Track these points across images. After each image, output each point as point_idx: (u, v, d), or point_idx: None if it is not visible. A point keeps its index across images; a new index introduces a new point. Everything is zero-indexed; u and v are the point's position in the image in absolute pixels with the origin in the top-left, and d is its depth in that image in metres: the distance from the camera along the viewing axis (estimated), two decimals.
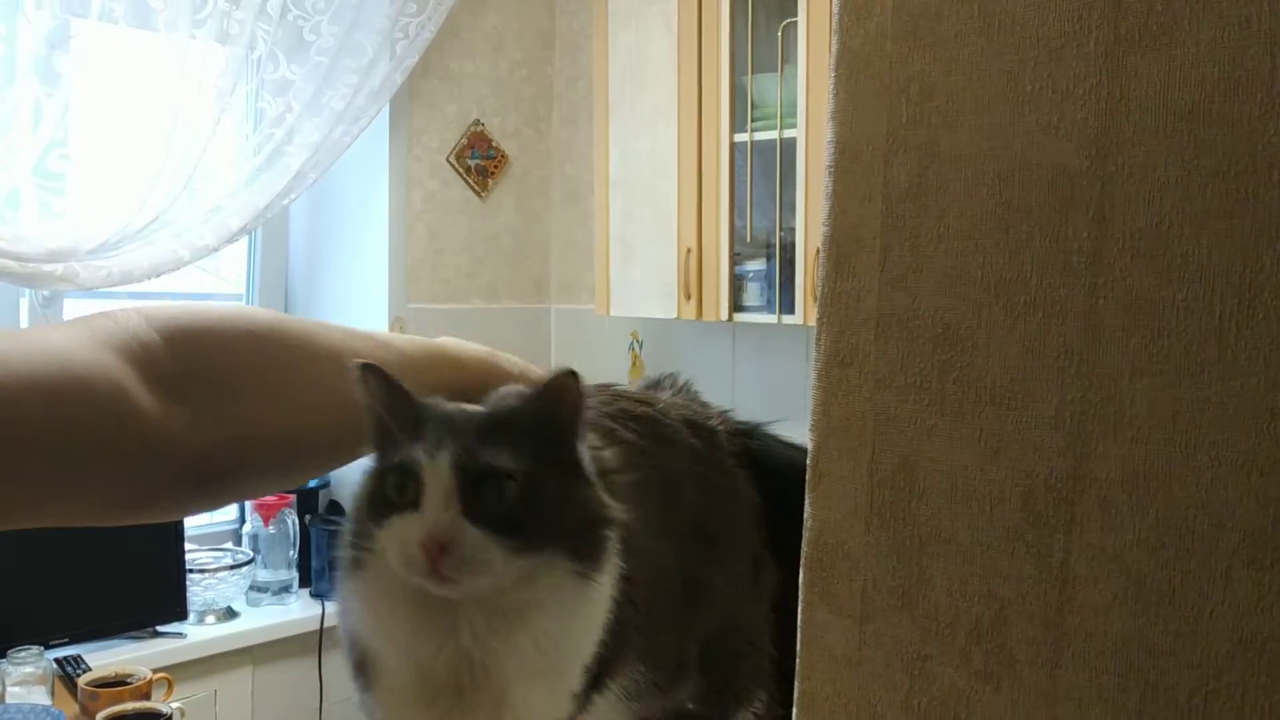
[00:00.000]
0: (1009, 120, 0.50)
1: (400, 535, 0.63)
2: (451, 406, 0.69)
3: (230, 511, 3.19)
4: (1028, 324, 0.49)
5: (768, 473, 0.91)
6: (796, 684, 0.57)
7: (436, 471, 0.63)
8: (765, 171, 2.82)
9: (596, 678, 0.70)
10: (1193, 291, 0.45)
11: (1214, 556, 0.44)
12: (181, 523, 2.73)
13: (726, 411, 0.97)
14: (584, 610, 0.67)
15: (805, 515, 0.57)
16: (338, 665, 2.75)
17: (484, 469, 0.64)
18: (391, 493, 0.65)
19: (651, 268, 2.95)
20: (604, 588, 0.66)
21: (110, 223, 2.52)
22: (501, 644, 0.65)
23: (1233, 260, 0.44)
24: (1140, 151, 0.46)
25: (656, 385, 0.94)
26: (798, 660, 0.57)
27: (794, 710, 0.57)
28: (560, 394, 0.67)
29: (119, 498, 0.64)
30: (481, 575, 0.62)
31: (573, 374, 0.67)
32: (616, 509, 0.68)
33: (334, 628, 2.89)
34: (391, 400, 0.67)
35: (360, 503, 0.67)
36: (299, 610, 2.94)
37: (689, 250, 2.85)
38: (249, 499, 0.76)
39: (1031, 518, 0.49)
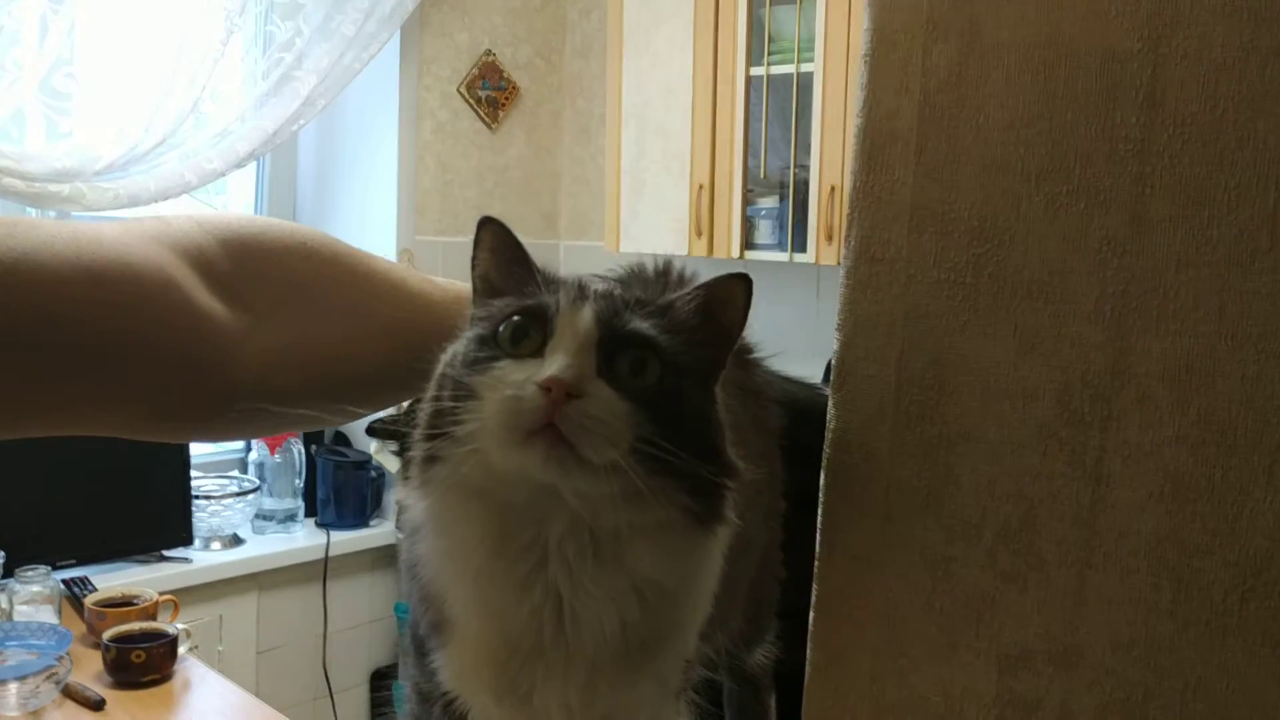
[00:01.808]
0: (1057, 5, 0.48)
1: (512, 377, 0.52)
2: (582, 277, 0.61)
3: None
4: (1069, 215, 0.47)
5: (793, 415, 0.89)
6: (815, 586, 0.56)
7: (574, 320, 0.54)
8: (780, 108, 2.77)
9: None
10: (1245, 178, 0.43)
11: (1256, 453, 0.43)
12: (188, 449, 2.73)
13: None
14: (697, 562, 0.57)
15: (828, 417, 0.56)
16: (341, 594, 2.74)
17: (631, 334, 0.54)
18: (505, 339, 0.55)
19: (663, 204, 2.92)
20: (720, 543, 0.57)
21: (117, 144, 2.50)
22: (595, 584, 0.54)
23: None
24: (1196, 32, 0.44)
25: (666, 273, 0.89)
26: (816, 563, 0.56)
27: (810, 614, 0.57)
28: (727, 298, 0.57)
29: (172, 402, 0.59)
30: (601, 443, 0.51)
31: (746, 280, 0.57)
32: (744, 466, 0.57)
33: (343, 555, 2.91)
34: (517, 256, 0.59)
35: (446, 374, 0.57)
36: (304, 539, 2.95)
37: (701, 186, 2.82)
38: (292, 428, 0.71)
39: (1066, 415, 0.47)
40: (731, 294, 0.57)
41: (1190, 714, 0.44)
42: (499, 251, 0.59)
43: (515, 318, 0.55)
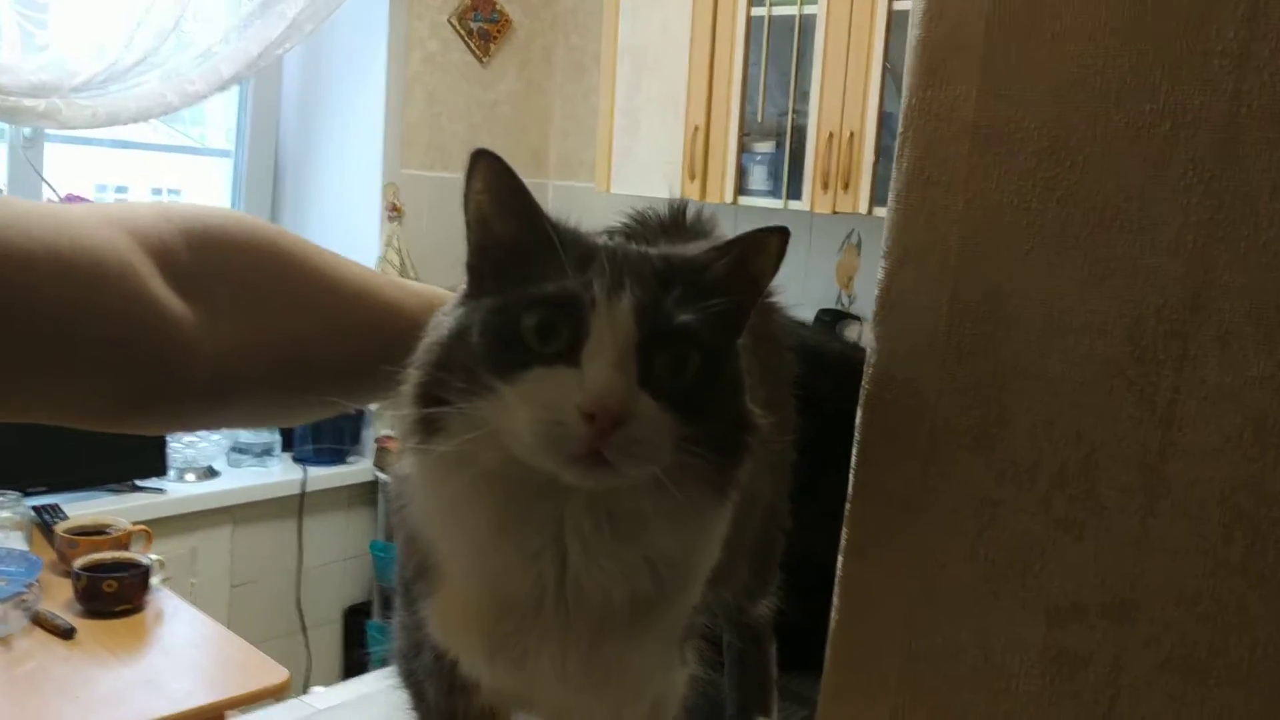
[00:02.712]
0: None
1: (545, 397, 0.48)
2: (609, 239, 0.55)
3: None
4: (1152, 137, 0.43)
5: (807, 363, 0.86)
6: (846, 530, 0.53)
7: (614, 319, 0.48)
8: (780, 51, 2.71)
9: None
10: None
11: None
12: None
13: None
14: (708, 531, 0.55)
15: (869, 350, 0.52)
16: (317, 530, 2.70)
17: (677, 330, 0.50)
18: (530, 337, 0.49)
19: (656, 145, 2.85)
20: (731, 505, 0.55)
21: (96, 60, 2.41)
22: (609, 558, 0.52)
23: None
24: None
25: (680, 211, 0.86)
26: (849, 505, 0.53)
27: (840, 559, 0.53)
28: (761, 252, 0.53)
29: (122, 394, 0.57)
30: (647, 465, 0.48)
31: (783, 234, 0.53)
32: (759, 414, 0.54)
33: (320, 491, 2.88)
34: (519, 198, 0.53)
35: (453, 348, 0.52)
36: (280, 473, 2.92)
37: (696, 128, 2.76)
38: (253, 424, 0.67)
39: (1137, 352, 0.44)
40: (766, 248, 0.54)
41: (1257, 675, 0.42)
42: (498, 192, 0.53)
43: (542, 313, 0.49)
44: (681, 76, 2.79)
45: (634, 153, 2.93)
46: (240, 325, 0.59)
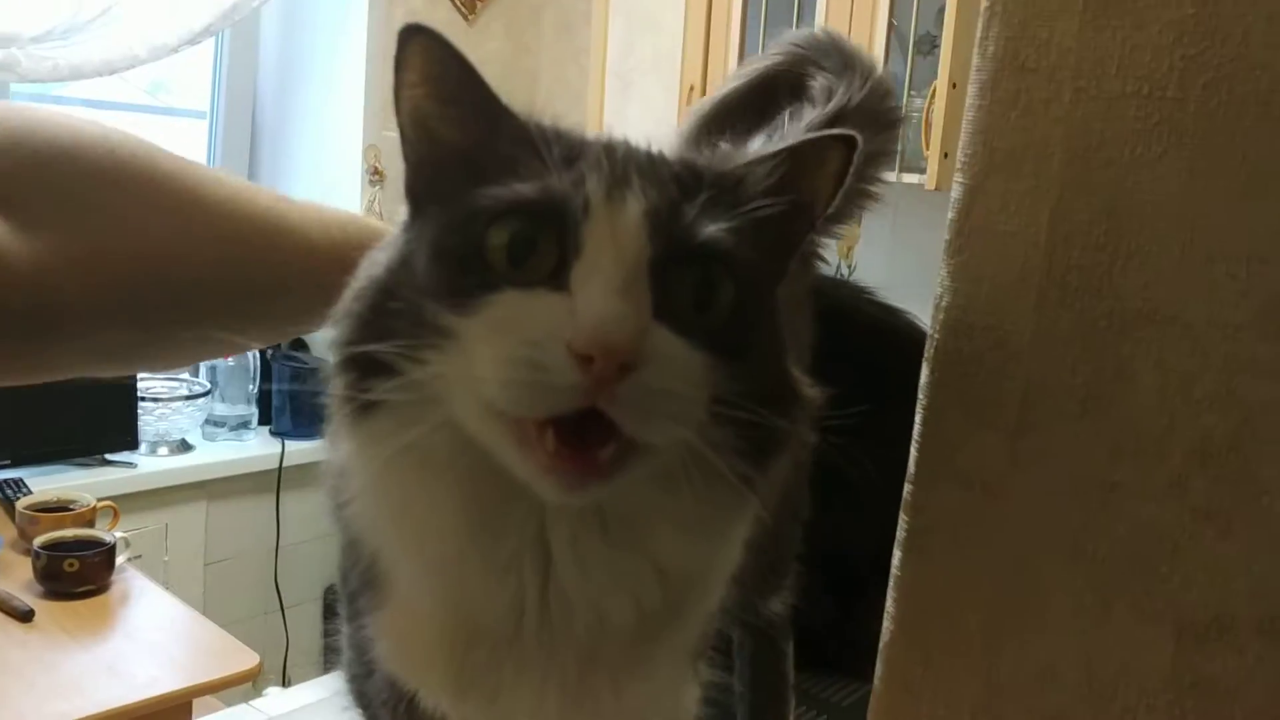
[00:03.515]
0: None
1: (524, 327, 0.35)
2: (610, 135, 0.43)
3: None
4: None
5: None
6: (904, 520, 0.42)
7: (617, 227, 0.36)
8: (779, 6, 2.59)
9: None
10: None
11: None
12: None
13: None
14: (731, 532, 0.43)
15: (939, 291, 0.41)
16: (296, 506, 2.58)
17: (704, 245, 0.37)
18: (499, 257, 0.37)
19: (650, 106, 2.73)
20: (753, 508, 0.42)
21: (57, 7, 2.27)
22: (605, 567, 0.40)
23: None
24: None
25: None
26: (908, 488, 0.42)
27: (897, 553, 0.43)
28: (817, 169, 0.40)
29: None
30: (669, 428, 0.35)
31: (849, 142, 0.40)
32: (808, 383, 0.42)
33: (298, 466, 2.78)
34: (469, 86, 0.41)
35: (389, 289, 0.39)
36: (258, 447, 2.80)
37: (692, 88, 2.64)
38: (120, 365, 0.57)
39: None
40: (824, 163, 0.41)
41: None
42: (440, 83, 0.41)
43: (516, 223, 0.37)
44: (676, 34, 2.67)
45: (627, 115, 2.81)
46: (67, 242, 0.48)
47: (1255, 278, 0.34)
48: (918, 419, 0.41)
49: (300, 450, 2.81)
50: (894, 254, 2.14)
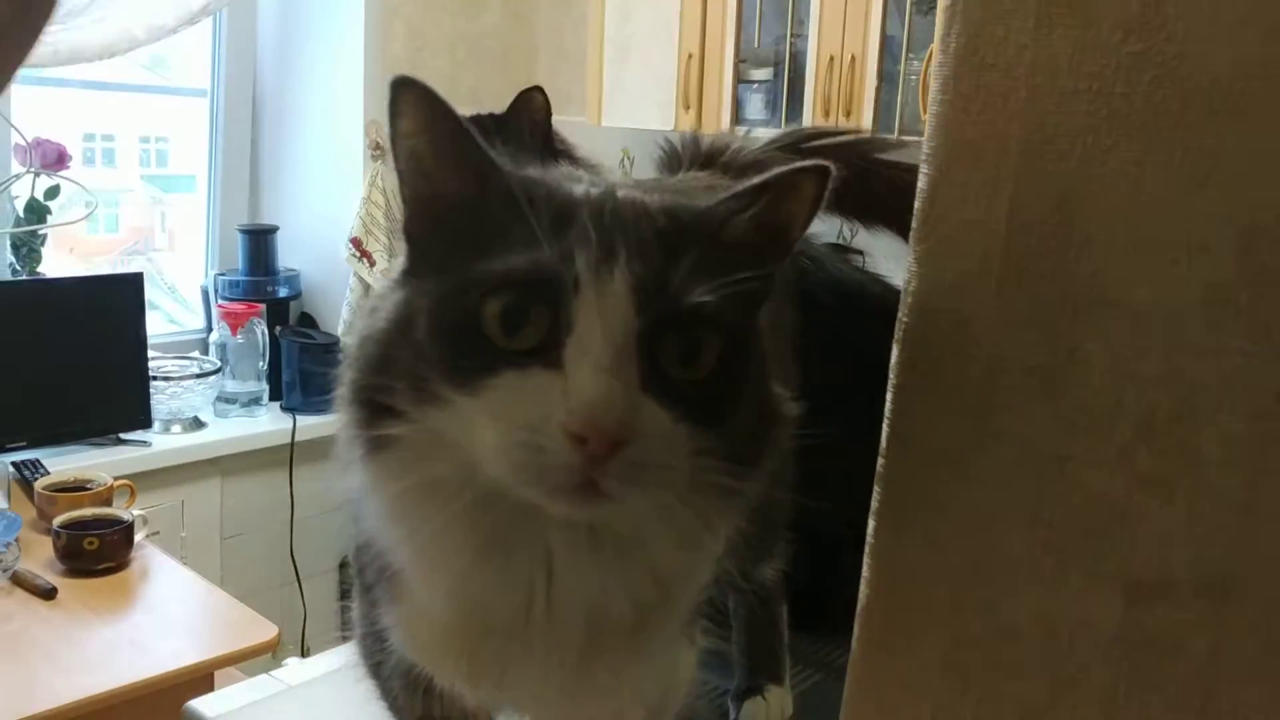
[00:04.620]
0: None
1: (522, 411, 0.38)
2: (596, 185, 0.44)
3: (198, 319, 3.05)
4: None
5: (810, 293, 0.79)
6: (879, 490, 0.45)
7: (605, 303, 0.38)
8: None
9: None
10: None
11: None
12: (143, 327, 2.59)
13: None
14: (720, 530, 0.47)
15: (907, 275, 0.43)
16: (308, 480, 2.61)
17: (690, 313, 0.39)
18: (494, 330, 0.39)
19: (649, 74, 2.74)
20: (747, 504, 0.46)
21: None
22: (606, 578, 0.43)
23: None
24: None
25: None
26: (882, 462, 0.45)
27: (871, 523, 0.45)
28: (792, 199, 0.43)
29: None
30: (654, 490, 0.39)
31: (821, 173, 0.43)
32: (787, 399, 0.46)
33: (309, 441, 2.81)
34: (466, 149, 0.43)
35: (393, 344, 0.42)
36: (269, 423, 2.84)
37: (690, 56, 2.64)
38: None
39: (1250, 272, 0.35)
40: (799, 193, 0.43)
41: None
42: (436, 134, 0.43)
43: (509, 297, 0.39)
44: (674, 2, 2.67)
45: (625, 84, 2.81)
46: None
47: (1196, 265, 0.36)
48: (889, 397, 0.44)
49: (311, 425, 2.84)
50: None
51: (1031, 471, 0.40)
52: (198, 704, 0.75)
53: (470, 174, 0.43)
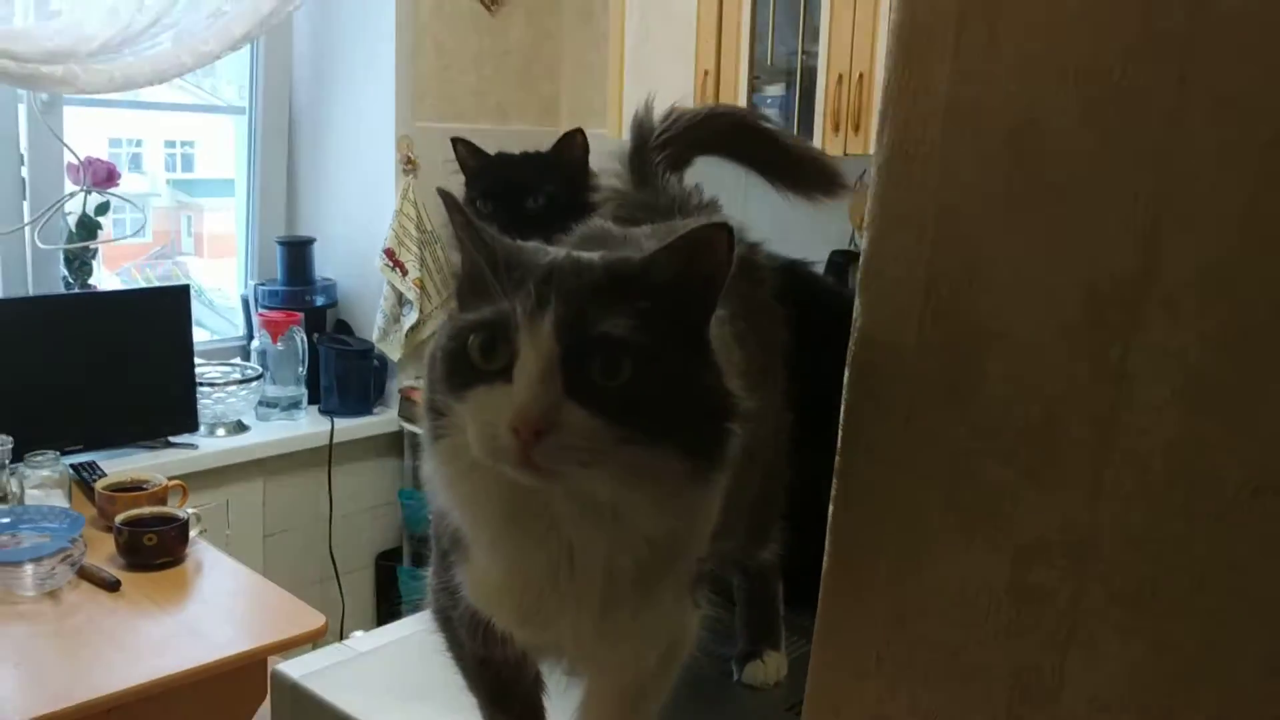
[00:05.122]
0: None
1: (484, 413, 0.54)
2: (560, 252, 0.58)
3: (238, 327, 3.20)
4: (1108, 116, 0.47)
5: (804, 309, 0.90)
6: (835, 483, 0.57)
7: (536, 335, 0.53)
8: None
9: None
10: None
11: (1278, 354, 0.43)
12: (190, 335, 2.73)
13: (758, 243, 0.95)
14: (697, 506, 0.60)
15: (855, 315, 0.56)
16: (346, 480, 2.75)
17: (597, 338, 0.53)
18: (476, 356, 0.55)
19: (666, 89, 2.83)
20: (719, 485, 0.59)
21: (108, 23, 2.43)
22: (604, 539, 0.58)
23: None
24: None
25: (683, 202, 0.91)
26: (838, 460, 0.57)
27: (830, 508, 0.58)
28: (707, 252, 0.56)
29: None
30: (581, 467, 0.53)
31: (726, 229, 0.55)
32: (743, 398, 0.58)
33: (347, 442, 2.94)
34: (469, 235, 0.58)
35: (437, 364, 0.58)
36: (308, 426, 2.98)
37: (706, 72, 2.76)
38: None
39: (1090, 317, 0.48)
40: (711, 246, 0.56)
41: (1196, 608, 0.46)
42: (454, 226, 0.59)
43: (482, 335, 0.55)
44: (690, 20, 2.78)
45: (644, 98, 2.92)
46: None
47: (1054, 310, 0.49)
48: (842, 408, 0.57)
49: (348, 427, 2.99)
50: None
51: (946, 465, 0.53)
52: (285, 666, 0.88)
53: (475, 249, 0.58)
